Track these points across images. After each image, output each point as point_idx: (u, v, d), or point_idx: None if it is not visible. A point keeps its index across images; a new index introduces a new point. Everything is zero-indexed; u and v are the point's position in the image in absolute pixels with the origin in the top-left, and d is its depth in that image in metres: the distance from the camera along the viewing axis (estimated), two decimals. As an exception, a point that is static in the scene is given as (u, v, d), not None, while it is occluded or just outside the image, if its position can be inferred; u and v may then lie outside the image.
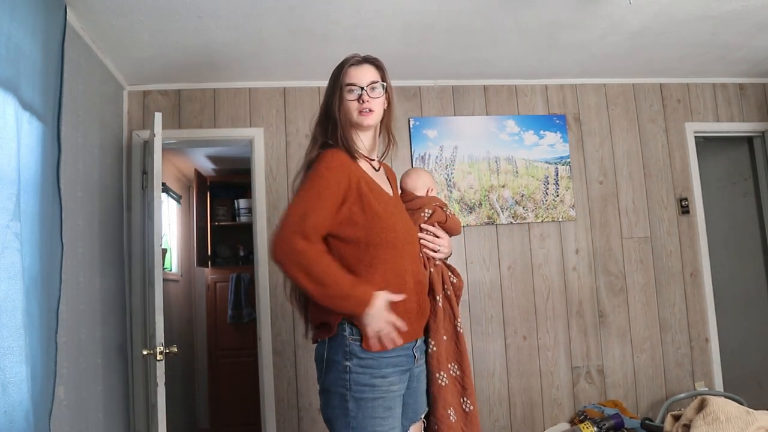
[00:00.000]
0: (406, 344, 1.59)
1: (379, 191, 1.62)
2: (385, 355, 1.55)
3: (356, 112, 1.62)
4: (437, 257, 1.75)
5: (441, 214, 1.80)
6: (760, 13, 2.67)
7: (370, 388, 1.52)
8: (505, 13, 2.54)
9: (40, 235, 1.71)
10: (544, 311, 3.26)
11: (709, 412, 1.83)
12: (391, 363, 1.56)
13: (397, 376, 1.57)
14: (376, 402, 1.52)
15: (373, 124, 1.66)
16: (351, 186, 1.56)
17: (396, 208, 1.67)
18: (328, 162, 1.57)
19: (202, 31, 2.53)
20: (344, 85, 1.63)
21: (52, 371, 1.75)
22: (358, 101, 1.62)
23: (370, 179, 1.63)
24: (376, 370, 1.53)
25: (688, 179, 3.48)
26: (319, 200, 1.53)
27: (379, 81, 1.66)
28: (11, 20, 1.60)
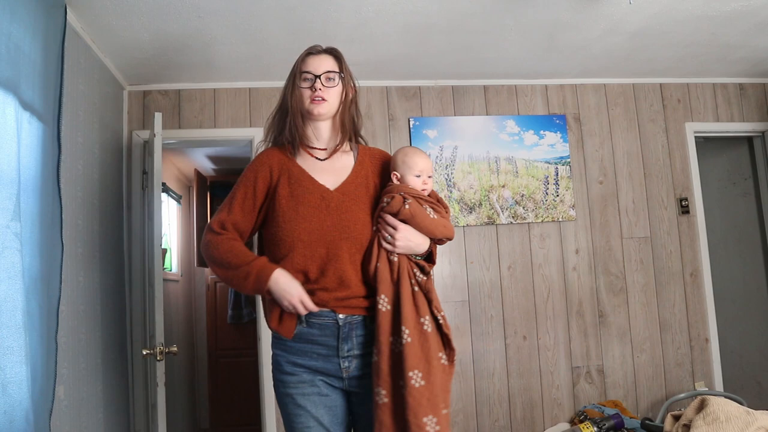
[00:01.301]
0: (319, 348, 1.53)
1: (301, 187, 1.58)
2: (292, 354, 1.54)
3: (308, 99, 1.59)
4: (388, 248, 1.57)
5: (395, 204, 1.58)
6: (760, 13, 2.67)
7: (278, 382, 1.57)
8: (505, 13, 2.54)
9: (40, 235, 1.71)
10: (544, 311, 3.26)
11: (709, 412, 1.83)
12: (299, 364, 1.54)
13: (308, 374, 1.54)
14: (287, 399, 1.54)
15: (324, 113, 1.60)
16: (270, 184, 1.61)
17: (323, 201, 1.57)
18: (254, 161, 1.67)
19: (202, 31, 2.53)
20: (299, 73, 1.61)
21: (52, 371, 1.75)
22: (311, 89, 1.59)
23: (297, 176, 1.60)
24: (280, 366, 1.56)
25: (688, 179, 3.48)
26: (231, 199, 1.62)
27: (336, 72, 1.62)
28: (11, 20, 1.60)
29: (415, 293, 1.55)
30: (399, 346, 1.49)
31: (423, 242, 1.60)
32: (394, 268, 1.57)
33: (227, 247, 1.55)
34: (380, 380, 1.48)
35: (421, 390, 1.45)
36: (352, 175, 1.64)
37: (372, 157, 1.71)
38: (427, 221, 1.61)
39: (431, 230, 1.62)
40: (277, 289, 1.49)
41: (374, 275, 1.56)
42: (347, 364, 1.55)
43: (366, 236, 1.59)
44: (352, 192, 1.61)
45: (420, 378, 1.46)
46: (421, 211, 1.61)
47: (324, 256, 1.53)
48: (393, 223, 1.57)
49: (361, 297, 1.56)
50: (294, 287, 1.50)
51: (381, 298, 1.53)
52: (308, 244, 1.53)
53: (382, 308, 1.52)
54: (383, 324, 1.51)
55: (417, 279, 1.57)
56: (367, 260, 1.58)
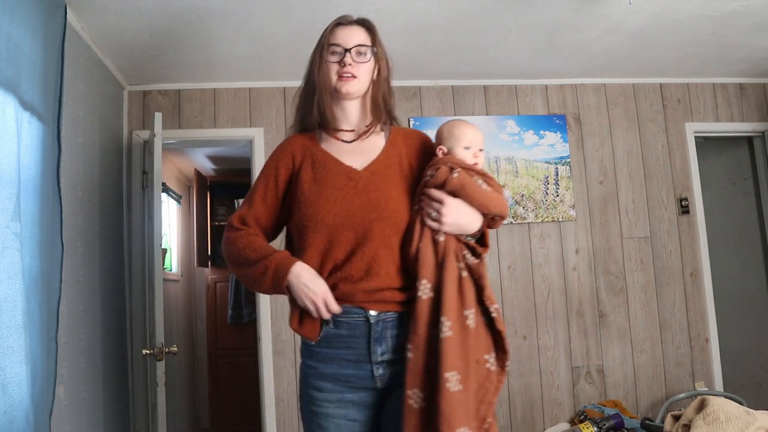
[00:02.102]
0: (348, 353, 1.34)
1: (325, 169, 1.42)
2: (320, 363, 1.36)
3: (336, 76, 1.41)
4: (432, 226, 1.34)
5: (440, 174, 1.37)
6: (760, 13, 2.67)
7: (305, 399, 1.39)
8: (505, 13, 2.54)
9: (40, 235, 1.71)
10: (544, 311, 3.26)
11: (709, 412, 1.83)
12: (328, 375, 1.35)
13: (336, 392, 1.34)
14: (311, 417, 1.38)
15: (353, 91, 1.42)
16: (293, 171, 1.46)
17: (349, 181, 1.39)
18: (275, 151, 1.52)
19: (202, 31, 2.53)
20: (326, 45, 1.44)
21: (52, 371, 1.75)
22: (339, 64, 1.41)
23: (322, 159, 1.44)
24: (308, 379, 1.38)
25: (688, 179, 3.48)
26: (252, 192, 1.49)
27: (368, 45, 1.44)
28: (11, 20, 1.60)
29: (462, 279, 1.31)
30: (436, 341, 1.26)
31: (475, 219, 1.38)
32: (440, 249, 1.33)
33: (245, 242, 1.40)
34: (415, 379, 1.26)
35: (457, 396, 1.22)
36: (383, 155, 1.46)
37: (406, 136, 1.53)
38: (479, 192, 1.38)
39: (484, 203, 1.38)
40: (298, 284, 1.31)
41: (415, 257, 1.33)
42: (381, 371, 1.33)
43: (402, 216, 1.38)
44: (382, 171, 1.42)
45: (458, 381, 1.23)
46: (471, 182, 1.38)
47: (352, 240, 1.34)
48: (439, 196, 1.35)
49: (395, 289, 1.35)
50: (318, 284, 1.32)
51: (422, 284, 1.30)
52: (333, 227, 1.35)
53: (422, 295, 1.30)
54: (422, 313, 1.28)
55: (466, 261, 1.34)
56: (407, 242, 1.36)
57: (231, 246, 1.42)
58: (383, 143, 1.49)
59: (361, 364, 1.33)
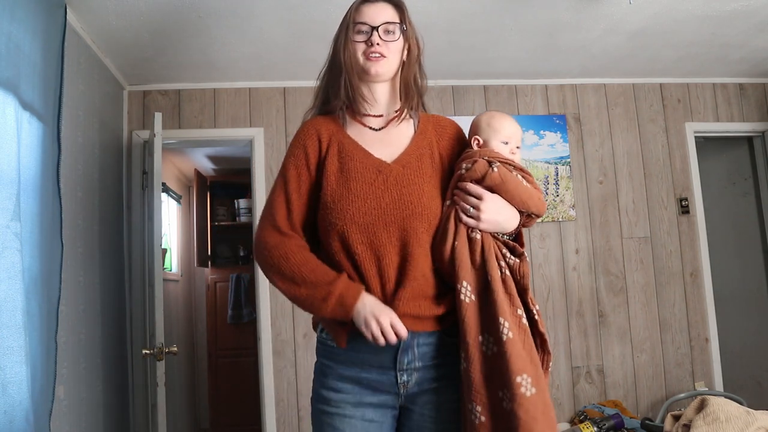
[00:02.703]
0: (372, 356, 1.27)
1: (353, 161, 1.33)
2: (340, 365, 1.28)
3: (363, 56, 1.33)
4: (469, 223, 1.25)
5: (478, 168, 1.27)
6: (760, 13, 2.67)
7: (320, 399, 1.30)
8: (505, 13, 2.54)
9: (40, 235, 1.71)
10: (544, 311, 3.26)
11: (709, 412, 1.83)
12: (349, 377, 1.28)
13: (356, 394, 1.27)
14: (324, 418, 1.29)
15: (382, 72, 1.34)
16: (320, 156, 1.35)
17: (379, 176, 1.31)
18: (296, 137, 1.39)
19: (202, 31, 2.53)
20: (352, 24, 1.35)
21: (52, 371, 1.75)
22: (366, 43, 1.33)
23: (349, 148, 1.34)
24: (325, 379, 1.30)
25: (688, 179, 3.48)
26: (285, 186, 1.34)
27: (396, 23, 1.35)
28: (11, 20, 1.60)
29: (506, 278, 1.23)
30: (494, 346, 1.17)
31: (513, 216, 1.31)
32: (476, 248, 1.24)
33: (301, 258, 1.27)
34: (473, 394, 1.16)
35: (534, 400, 1.13)
36: (413, 145, 1.37)
37: (437, 125, 1.43)
38: (521, 188, 1.29)
39: (524, 200, 1.29)
40: (365, 313, 1.21)
41: (451, 257, 1.24)
42: (406, 378, 1.27)
43: (435, 212, 1.30)
44: (413, 164, 1.34)
45: (530, 384, 1.13)
46: (512, 177, 1.29)
47: (385, 240, 1.26)
48: (477, 191, 1.26)
49: (430, 299, 1.27)
50: (385, 312, 1.22)
51: (462, 286, 1.20)
52: (364, 227, 1.26)
53: (465, 299, 1.20)
54: (470, 319, 1.18)
55: (507, 261, 1.25)
56: (440, 240, 1.26)
57: (282, 259, 1.27)
58: (412, 132, 1.41)
59: (384, 370, 1.27)
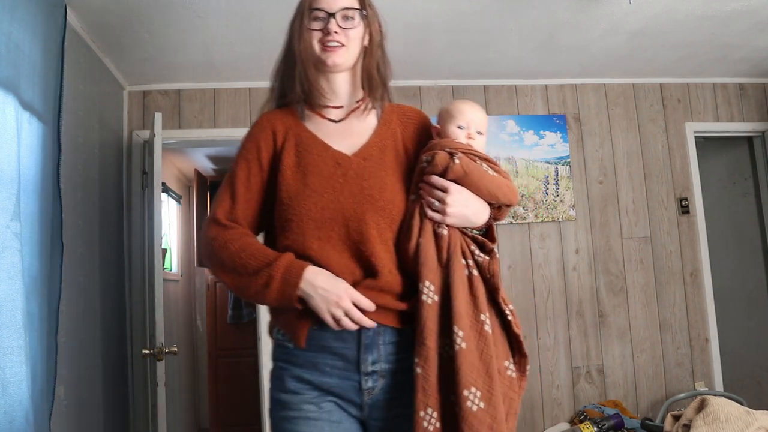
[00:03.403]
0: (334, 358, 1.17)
1: (311, 155, 1.24)
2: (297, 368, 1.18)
3: (319, 45, 1.23)
4: (434, 218, 1.17)
5: (439, 161, 1.18)
6: (760, 13, 2.67)
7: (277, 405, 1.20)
8: (505, 13, 2.54)
9: (40, 235, 1.71)
10: (544, 311, 3.26)
11: (709, 412, 1.83)
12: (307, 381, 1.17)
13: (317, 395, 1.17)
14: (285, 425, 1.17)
15: (340, 63, 1.23)
16: (275, 152, 1.27)
17: (338, 169, 1.22)
18: (250, 131, 1.32)
19: (202, 31, 2.53)
20: (308, 10, 1.25)
21: (52, 371, 1.75)
22: (322, 32, 1.22)
23: (306, 142, 1.25)
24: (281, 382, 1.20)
25: (688, 179, 3.48)
26: (232, 181, 1.27)
27: (356, 8, 1.25)
28: (11, 20, 1.60)
29: (473, 278, 1.15)
30: (450, 350, 1.11)
31: (482, 210, 1.22)
32: (443, 244, 1.16)
33: (240, 244, 1.18)
34: (428, 398, 1.09)
35: (479, 415, 1.07)
36: (375, 137, 1.28)
37: (402, 115, 1.34)
38: (487, 178, 1.20)
39: (492, 191, 1.21)
40: (314, 291, 1.11)
41: (415, 255, 1.15)
42: (371, 383, 1.16)
43: (398, 206, 1.21)
44: (375, 156, 1.24)
45: (478, 399, 1.08)
46: (476, 167, 1.20)
47: (344, 236, 1.17)
48: (442, 183, 1.18)
49: (394, 294, 1.17)
50: (339, 285, 1.12)
51: (425, 286, 1.13)
52: (321, 223, 1.17)
53: (427, 299, 1.12)
54: (429, 321, 1.11)
55: (476, 259, 1.17)
56: (404, 237, 1.18)
57: (221, 249, 1.18)
58: (375, 123, 1.31)
59: (347, 373, 1.16)
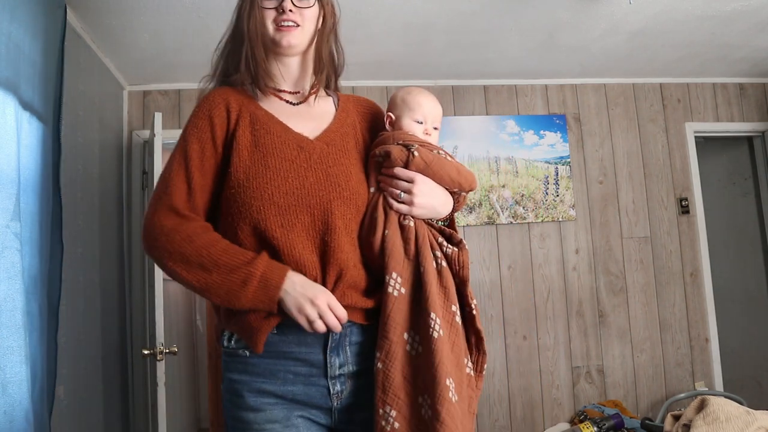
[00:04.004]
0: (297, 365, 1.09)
1: (270, 135, 1.15)
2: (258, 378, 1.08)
3: (273, 24, 1.16)
4: (401, 210, 1.13)
5: (397, 154, 1.16)
6: (760, 13, 2.67)
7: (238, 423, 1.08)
8: (505, 13, 2.54)
9: (40, 235, 1.71)
10: (544, 311, 3.26)
11: (709, 412, 1.83)
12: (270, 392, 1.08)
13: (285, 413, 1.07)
14: None
15: (296, 44, 1.16)
16: (228, 130, 1.15)
17: (301, 153, 1.14)
18: (198, 108, 1.18)
19: (202, 31, 2.53)
20: None
21: (52, 371, 1.75)
22: (277, 10, 1.15)
23: (263, 120, 1.16)
24: (240, 398, 1.08)
25: (688, 179, 3.48)
26: (186, 162, 1.13)
27: None
28: (11, 20, 1.60)
29: (442, 270, 1.11)
30: (419, 346, 1.06)
31: (446, 200, 1.20)
32: (410, 236, 1.12)
33: (207, 239, 1.07)
34: (388, 396, 1.03)
35: (456, 408, 1.02)
36: (336, 123, 1.22)
37: (357, 104, 1.30)
38: (447, 165, 1.18)
39: (454, 177, 1.19)
40: (296, 294, 1.03)
41: (381, 248, 1.11)
42: (339, 387, 1.10)
43: (362, 197, 1.16)
44: (338, 142, 1.19)
45: (454, 390, 1.03)
46: (436, 156, 1.18)
47: (308, 225, 1.10)
48: (408, 174, 1.15)
49: (360, 291, 1.12)
50: (319, 289, 1.05)
51: (392, 278, 1.08)
52: (285, 209, 1.09)
53: (393, 291, 1.07)
54: (394, 313, 1.06)
55: (444, 251, 1.14)
56: (369, 230, 1.14)
57: (184, 243, 1.06)
58: (333, 109, 1.26)
59: (313, 379, 1.08)
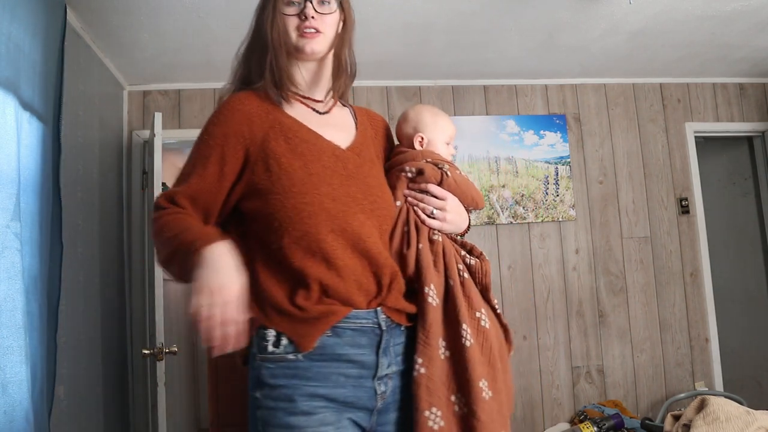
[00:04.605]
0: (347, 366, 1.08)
1: (305, 142, 1.13)
2: (309, 382, 1.04)
3: (296, 32, 1.16)
4: (431, 225, 1.21)
5: (431, 173, 1.23)
6: (760, 13, 2.67)
7: (286, 430, 1.03)
8: (505, 13, 2.54)
9: (40, 235, 1.71)
10: (544, 311, 3.26)
11: (709, 412, 1.83)
12: (321, 395, 1.04)
13: (335, 416, 1.05)
14: None
15: (318, 50, 1.17)
16: (251, 141, 1.12)
17: (338, 162, 1.13)
18: (218, 113, 1.15)
19: (202, 31, 2.53)
20: None
21: (52, 371, 1.75)
22: (299, 17, 1.15)
23: (294, 128, 1.14)
24: (291, 404, 1.03)
25: (688, 179, 3.48)
26: (194, 166, 1.12)
27: None
28: (11, 20, 1.60)
29: (465, 281, 1.20)
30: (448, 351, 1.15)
31: (466, 217, 1.29)
32: (439, 250, 1.20)
33: (166, 220, 1.06)
34: (433, 398, 1.09)
35: (491, 403, 1.12)
36: (360, 134, 1.23)
37: (371, 118, 1.32)
38: (471, 187, 1.30)
39: (474, 197, 1.30)
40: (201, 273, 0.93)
41: (417, 260, 1.18)
42: (383, 387, 1.10)
43: (394, 208, 1.20)
44: (365, 153, 1.20)
45: (488, 388, 1.13)
46: (463, 177, 1.29)
47: (350, 233, 1.08)
48: (441, 192, 1.23)
49: (403, 295, 1.16)
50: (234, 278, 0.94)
51: (430, 289, 1.15)
52: (335, 215, 1.07)
53: (432, 302, 1.14)
54: (435, 323, 1.13)
55: (467, 262, 1.23)
56: (403, 243, 1.20)
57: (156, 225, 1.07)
58: (352, 121, 1.27)
59: (362, 381, 1.08)
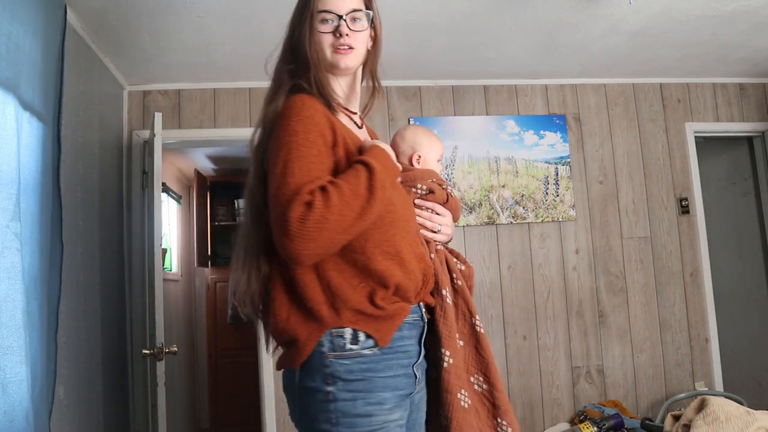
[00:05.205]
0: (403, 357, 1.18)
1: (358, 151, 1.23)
2: (379, 373, 1.13)
3: (330, 48, 1.22)
4: (438, 239, 1.37)
5: (440, 193, 1.42)
6: (760, 13, 2.67)
7: (364, 419, 1.11)
8: (505, 13, 2.54)
9: (40, 235, 1.71)
10: (544, 311, 3.26)
11: (709, 412, 1.83)
12: (389, 385, 1.14)
13: (396, 402, 1.15)
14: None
15: (352, 66, 1.25)
16: (337, 141, 1.16)
17: None
18: (299, 109, 1.14)
19: (202, 31, 2.53)
20: (315, 13, 1.23)
21: (52, 371, 1.75)
22: (333, 34, 1.22)
23: (355, 138, 1.23)
24: (369, 393, 1.12)
25: (688, 179, 3.48)
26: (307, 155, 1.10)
27: (362, 9, 1.26)
28: (11, 20, 1.60)
29: (458, 287, 1.36)
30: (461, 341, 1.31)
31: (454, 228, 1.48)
32: (442, 258, 1.36)
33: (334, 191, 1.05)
34: (462, 381, 1.26)
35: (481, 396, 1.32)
36: None
37: (374, 133, 1.47)
38: (460, 209, 1.54)
39: (459, 214, 1.53)
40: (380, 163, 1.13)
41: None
42: (419, 374, 1.22)
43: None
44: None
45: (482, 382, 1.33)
46: (456, 198, 1.49)
47: (416, 240, 1.25)
48: (443, 211, 1.40)
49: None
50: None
51: (447, 291, 1.31)
52: (406, 221, 1.23)
53: (449, 302, 1.31)
54: (453, 320, 1.30)
55: (458, 268, 1.40)
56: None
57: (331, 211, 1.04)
58: (366, 131, 1.39)
59: (408, 370, 1.18)
